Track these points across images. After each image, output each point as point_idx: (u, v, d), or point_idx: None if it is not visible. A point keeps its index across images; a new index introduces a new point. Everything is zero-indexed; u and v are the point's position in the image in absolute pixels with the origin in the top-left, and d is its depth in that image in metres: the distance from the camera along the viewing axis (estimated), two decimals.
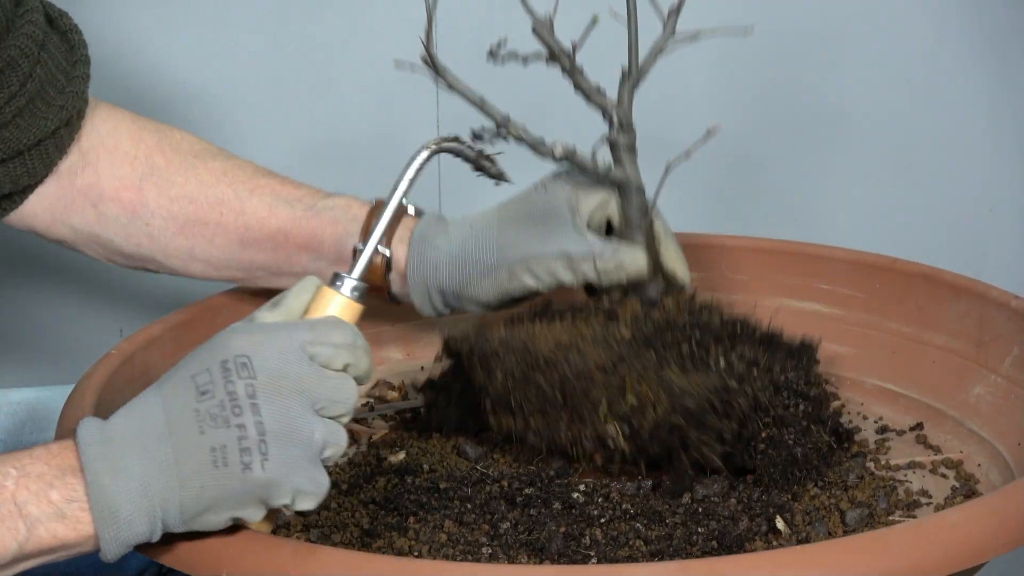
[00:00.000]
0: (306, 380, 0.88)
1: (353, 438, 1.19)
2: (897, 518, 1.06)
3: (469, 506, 1.04)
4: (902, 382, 1.25)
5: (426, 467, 1.13)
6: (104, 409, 1.06)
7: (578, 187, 1.16)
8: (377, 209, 1.17)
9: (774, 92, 1.65)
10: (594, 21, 1.06)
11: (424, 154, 1.06)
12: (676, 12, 1.12)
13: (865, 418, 1.23)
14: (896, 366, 1.26)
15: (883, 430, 1.22)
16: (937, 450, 1.17)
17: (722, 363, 1.09)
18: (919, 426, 1.21)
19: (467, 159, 1.10)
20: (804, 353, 1.17)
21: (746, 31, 1.16)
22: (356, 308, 0.97)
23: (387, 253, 1.18)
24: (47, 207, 1.20)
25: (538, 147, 1.10)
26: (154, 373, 1.17)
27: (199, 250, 1.22)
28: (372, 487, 1.09)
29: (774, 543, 1.01)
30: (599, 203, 1.17)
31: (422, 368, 1.36)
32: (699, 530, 1.01)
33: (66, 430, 1.01)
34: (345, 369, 0.90)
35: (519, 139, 1.09)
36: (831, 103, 1.66)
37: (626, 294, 1.15)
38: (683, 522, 1.02)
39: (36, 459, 0.86)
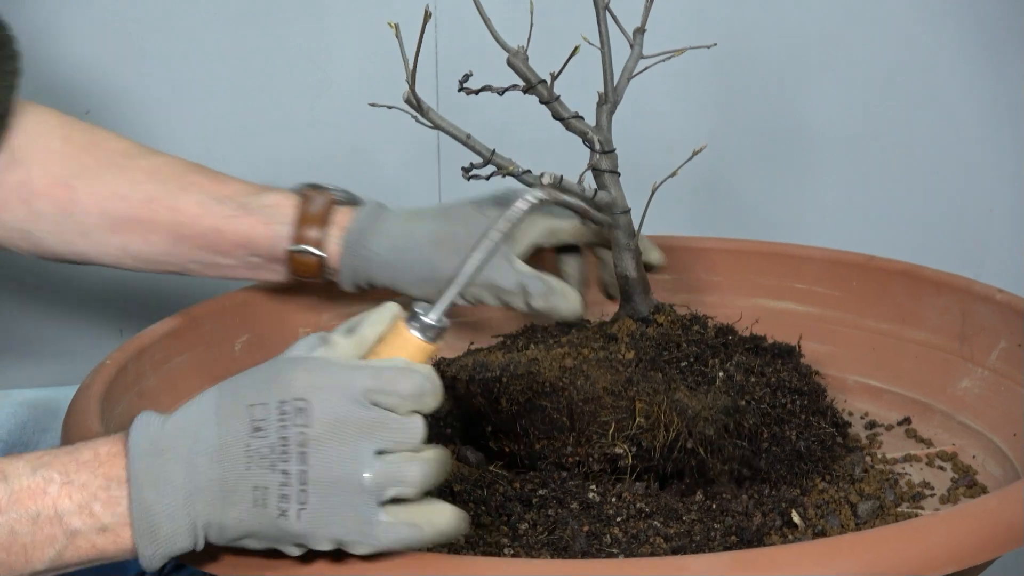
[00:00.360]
0: (366, 427, 0.83)
1: None
2: (905, 510, 1.07)
3: (484, 508, 1.03)
4: (885, 378, 1.27)
5: None
6: (107, 417, 1.04)
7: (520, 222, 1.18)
8: (308, 199, 1.21)
9: (774, 91, 1.66)
10: (575, 51, 1.07)
11: (523, 207, 0.93)
12: (641, 32, 1.13)
13: (851, 414, 1.25)
14: (877, 362, 1.28)
15: (872, 425, 1.23)
16: (929, 443, 1.19)
17: (722, 375, 1.10)
18: (907, 420, 1.22)
19: (574, 210, 1.08)
20: (788, 352, 1.18)
21: (710, 46, 1.18)
22: (430, 349, 0.90)
23: (321, 254, 1.21)
24: None
25: (525, 179, 1.10)
26: (146, 382, 1.15)
27: (133, 247, 1.22)
28: None
29: (790, 537, 1.01)
30: (543, 232, 1.23)
31: None
32: (716, 526, 1.02)
33: (74, 437, 0.98)
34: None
35: (507, 172, 1.09)
36: (828, 105, 1.68)
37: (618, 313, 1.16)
38: (699, 519, 1.02)
39: (83, 467, 0.84)
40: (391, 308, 0.89)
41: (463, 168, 1.08)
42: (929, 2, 1.64)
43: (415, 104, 1.04)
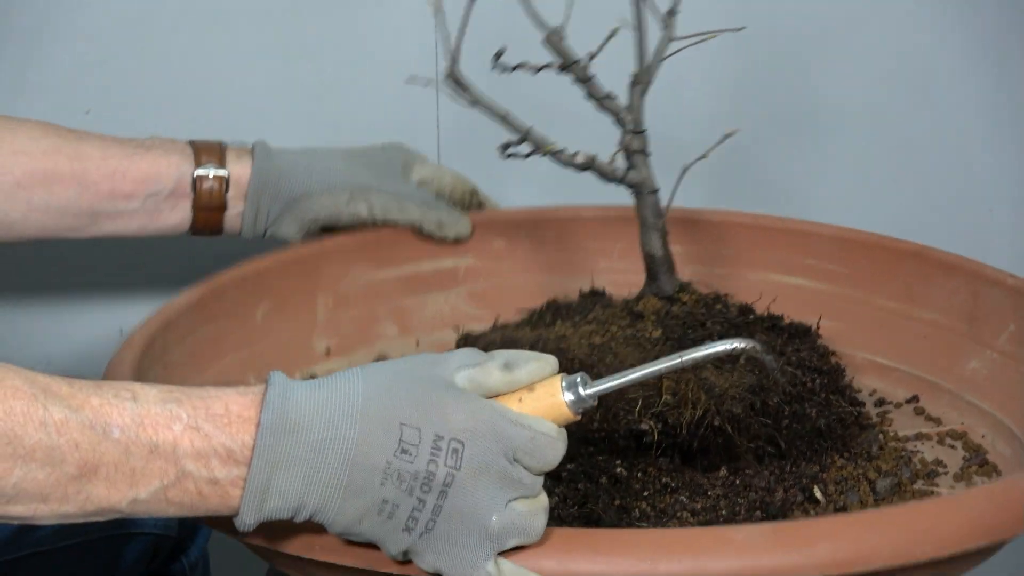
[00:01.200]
0: (506, 480, 0.84)
1: None
2: (920, 487, 1.10)
3: None
4: (892, 356, 1.30)
5: None
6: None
7: (410, 157, 1.37)
8: (197, 142, 1.28)
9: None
10: (614, 32, 1.09)
11: (725, 348, 0.93)
12: (671, 14, 1.15)
13: (859, 391, 1.28)
14: (886, 340, 1.30)
15: (881, 403, 1.26)
16: (938, 422, 1.22)
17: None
18: (915, 399, 1.25)
19: (767, 369, 1.09)
20: (805, 332, 1.21)
21: (738, 30, 1.19)
22: (570, 419, 0.89)
23: (226, 173, 1.28)
24: None
25: (561, 157, 1.12)
26: (171, 355, 1.16)
27: (38, 199, 1.24)
28: None
29: (812, 512, 1.05)
30: (430, 173, 1.38)
31: (417, 343, 1.36)
32: (740, 500, 1.04)
33: None
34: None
35: (546, 151, 1.11)
36: (829, 101, 1.69)
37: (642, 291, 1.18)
38: (724, 494, 1.05)
39: (212, 419, 0.82)
40: (552, 363, 0.89)
41: (500, 146, 1.10)
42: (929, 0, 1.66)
43: (458, 82, 1.06)
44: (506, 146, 1.10)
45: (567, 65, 1.11)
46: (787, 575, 0.84)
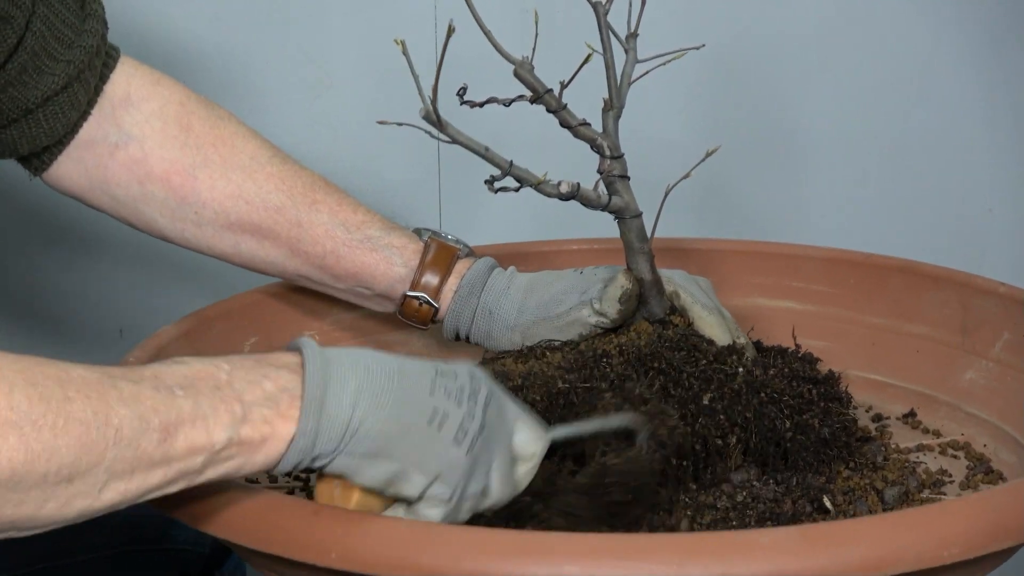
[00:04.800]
0: (514, 409, 0.93)
1: None
2: (927, 496, 1.09)
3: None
4: (886, 372, 1.29)
5: None
6: None
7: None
8: (429, 248, 1.21)
9: (772, 92, 1.68)
10: (587, 59, 1.08)
11: (615, 424, 1.01)
12: (634, 36, 1.15)
13: (856, 408, 1.27)
14: (878, 357, 1.30)
15: (878, 418, 1.25)
16: (937, 434, 1.21)
17: (742, 371, 1.12)
18: (912, 413, 1.25)
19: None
20: (784, 351, 1.21)
21: (698, 47, 1.19)
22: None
23: (436, 305, 1.22)
24: (83, 172, 1.19)
25: (543, 188, 1.11)
26: None
27: (246, 248, 1.22)
28: None
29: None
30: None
31: None
32: (749, 512, 1.03)
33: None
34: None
35: (535, 185, 1.10)
36: (827, 104, 1.70)
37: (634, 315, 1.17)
38: (732, 507, 1.04)
39: (249, 358, 0.86)
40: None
41: (486, 181, 1.09)
42: (928, 1, 1.67)
43: (435, 120, 1.04)
44: (491, 181, 1.09)
45: (538, 97, 1.10)
46: None
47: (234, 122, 1.23)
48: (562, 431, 0.97)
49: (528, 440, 0.94)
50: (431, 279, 1.21)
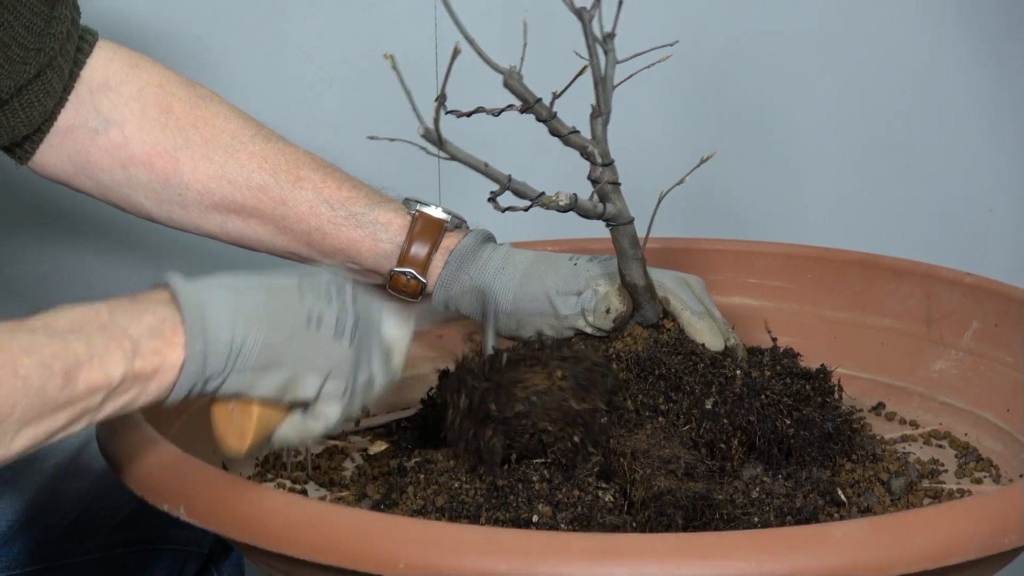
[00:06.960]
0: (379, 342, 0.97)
1: (345, 452, 1.19)
2: (929, 485, 1.09)
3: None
4: (852, 365, 1.29)
5: None
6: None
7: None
8: (417, 221, 1.19)
9: (773, 91, 1.67)
10: (583, 70, 1.07)
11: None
12: (611, 36, 1.13)
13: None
14: (842, 351, 1.30)
15: (852, 411, 1.25)
16: (915, 424, 1.22)
17: (739, 373, 1.11)
18: (881, 405, 1.25)
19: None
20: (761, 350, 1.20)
21: (671, 44, 1.17)
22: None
23: (423, 280, 1.19)
24: (67, 159, 1.18)
25: (542, 201, 1.08)
26: None
27: (232, 227, 1.20)
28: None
29: (836, 516, 1.02)
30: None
31: None
32: (767, 508, 1.01)
33: (111, 429, 1.00)
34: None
35: (544, 204, 1.07)
36: (829, 104, 1.69)
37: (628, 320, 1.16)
38: (749, 502, 1.02)
39: (122, 298, 0.87)
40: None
41: (489, 199, 1.06)
42: (928, 3, 1.68)
43: (435, 139, 1.00)
44: (492, 198, 1.06)
45: (528, 106, 1.08)
46: (888, 569, 0.81)
47: (216, 101, 1.20)
48: (426, 319, 1.04)
49: (396, 327, 0.98)
50: (418, 253, 1.19)
